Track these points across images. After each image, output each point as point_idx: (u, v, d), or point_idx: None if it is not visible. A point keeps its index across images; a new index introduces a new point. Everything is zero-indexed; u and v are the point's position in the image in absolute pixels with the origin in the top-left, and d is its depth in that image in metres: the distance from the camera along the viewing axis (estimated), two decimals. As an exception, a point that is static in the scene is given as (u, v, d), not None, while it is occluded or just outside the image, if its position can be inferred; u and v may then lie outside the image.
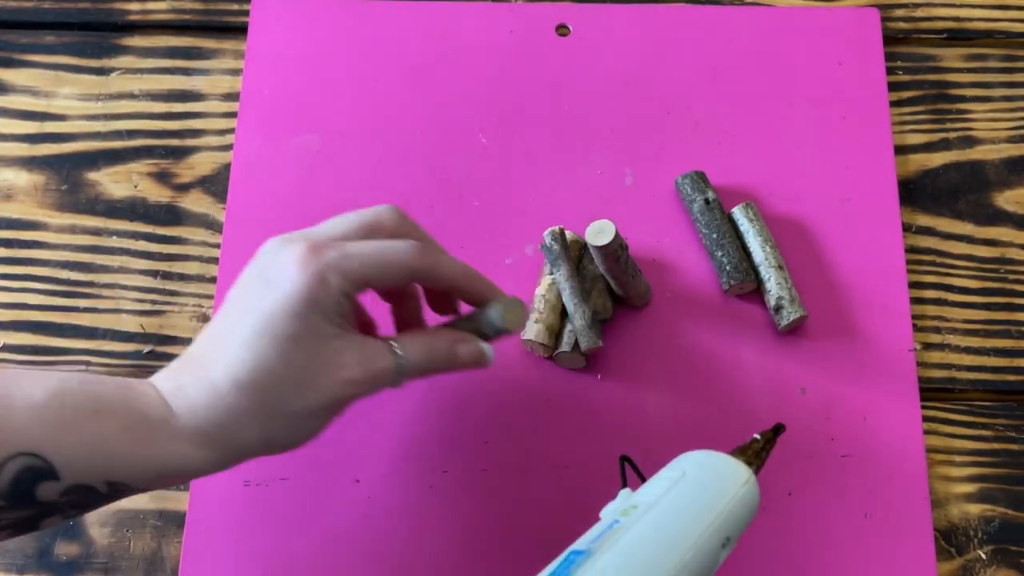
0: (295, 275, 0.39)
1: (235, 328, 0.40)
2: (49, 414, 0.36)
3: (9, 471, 0.35)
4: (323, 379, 0.40)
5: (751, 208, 0.55)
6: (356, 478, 0.51)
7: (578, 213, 0.56)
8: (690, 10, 0.62)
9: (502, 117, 0.59)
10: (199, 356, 0.41)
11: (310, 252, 0.40)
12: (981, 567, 0.51)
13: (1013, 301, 0.56)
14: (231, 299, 0.42)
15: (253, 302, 0.40)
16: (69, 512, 0.38)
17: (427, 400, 0.53)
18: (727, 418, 0.52)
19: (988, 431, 0.54)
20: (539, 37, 0.61)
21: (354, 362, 0.40)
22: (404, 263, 0.42)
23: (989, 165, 0.59)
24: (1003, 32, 0.63)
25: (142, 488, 0.39)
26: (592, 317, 0.51)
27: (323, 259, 0.40)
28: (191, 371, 0.40)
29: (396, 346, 0.42)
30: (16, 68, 0.61)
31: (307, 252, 0.40)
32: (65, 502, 0.37)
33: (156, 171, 0.59)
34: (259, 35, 0.61)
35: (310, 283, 0.39)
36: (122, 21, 0.63)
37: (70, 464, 0.36)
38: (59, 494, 0.37)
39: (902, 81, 0.61)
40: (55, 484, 0.36)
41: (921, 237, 0.57)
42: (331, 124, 0.59)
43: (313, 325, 0.39)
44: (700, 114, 0.59)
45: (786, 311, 0.53)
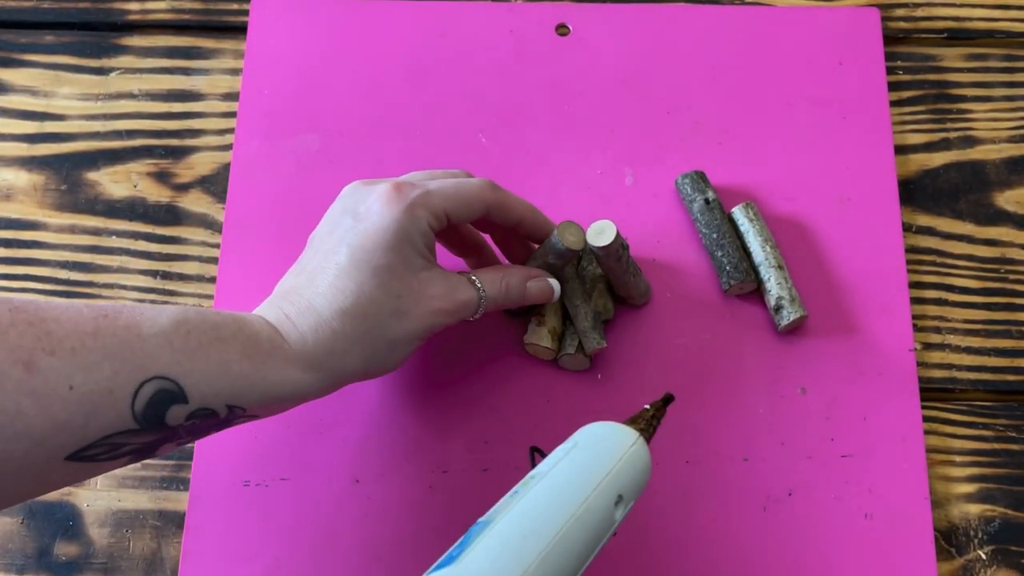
0: (384, 210, 0.43)
1: (331, 261, 0.43)
2: (177, 340, 0.38)
3: (145, 394, 0.37)
4: (416, 308, 0.43)
5: (751, 208, 0.55)
6: (356, 478, 0.51)
7: (578, 213, 0.56)
8: (690, 10, 0.62)
9: (502, 117, 0.59)
10: (296, 288, 0.43)
11: (395, 190, 0.44)
12: (981, 567, 0.51)
13: (1013, 301, 0.56)
14: (318, 236, 0.45)
15: (345, 236, 0.43)
16: (184, 438, 0.40)
17: (427, 400, 0.53)
18: (727, 418, 0.52)
19: (988, 431, 0.53)
20: (539, 37, 0.61)
21: (442, 292, 0.45)
22: (479, 197, 0.46)
23: (989, 165, 0.59)
24: (1003, 32, 0.63)
25: (253, 413, 0.41)
26: (595, 318, 0.51)
27: (408, 195, 0.44)
28: (292, 302, 0.43)
29: (476, 280, 0.47)
30: (16, 68, 0.61)
31: (392, 190, 0.44)
32: (187, 426, 0.39)
33: (156, 171, 0.59)
34: (259, 35, 0.61)
35: (399, 217, 0.43)
36: (121, 21, 0.63)
37: (197, 387, 0.39)
38: (185, 418, 0.39)
39: (902, 81, 0.61)
40: (183, 407, 0.38)
41: (921, 237, 0.57)
42: (331, 124, 0.59)
43: (405, 257, 0.43)
44: (700, 114, 0.59)
45: (786, 311, 0.53)
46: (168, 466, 0.52)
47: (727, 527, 0.51)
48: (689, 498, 0.51)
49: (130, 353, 0.37)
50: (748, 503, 0.51)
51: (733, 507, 0.51)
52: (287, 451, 0.52)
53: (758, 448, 0.52)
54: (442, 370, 0.53)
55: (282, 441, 0.52)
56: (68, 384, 0.36)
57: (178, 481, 0.52)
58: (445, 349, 0.54)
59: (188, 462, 0.52)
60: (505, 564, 0.33)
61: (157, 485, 0.52)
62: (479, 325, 0.54)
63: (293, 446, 0.52)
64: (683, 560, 0.50)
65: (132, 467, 0.52)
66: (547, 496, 0.35)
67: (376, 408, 0.53)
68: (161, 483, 0.52)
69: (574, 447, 0.37)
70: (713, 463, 0.51)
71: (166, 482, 0.52)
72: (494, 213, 0.47)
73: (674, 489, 0.51)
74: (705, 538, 0.50)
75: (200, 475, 0.51)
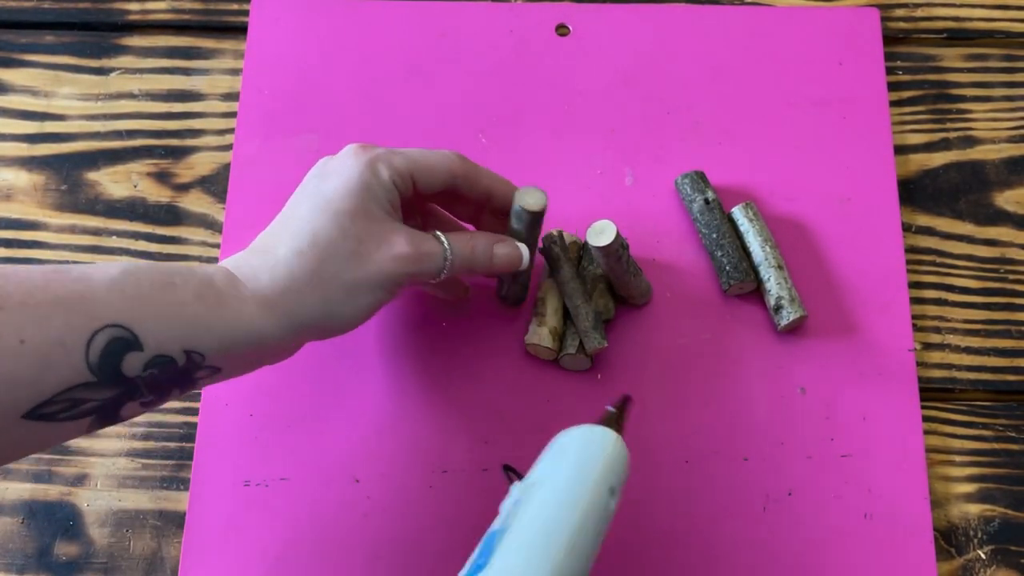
0: (347, 163, 0.44)
1: (295, 212, 0.44)
2: (128, 288, 0.38)
3: (99, 343, 0.37)
4: (376, 253, 0.43)
5: (751, 208, 0.55)
6: (356, 478, 0.51)
7: (578, 213, 0.56)
8: (690, 10, 0.62)
9: (502, 117, 0.59)
10: (259, 241, 0.44)
11: (360, 147, 0.45)
12: (981, 567, 0.51)
13: (1013, 301, 0.56)
14: (291, 199, 0.45)
15: (311, 190, 0.44)
16: (146, 396, 0.39)
17: (427, 400, 0.53)
18: (727, 418, 0.52)
19: (988, 431, 0.54)
20: (539, 37, 0.61)
21: (404, 241, 0.44)
22: (446, 164, 0.46)
23: (989, 165, 0.59)
24: (1003, 32, 0.63)
25: (214, 364, 0.41)
26: (596, 318, 0.51)
27: (373, 153, 0.45)
28: (251, 251, 0.44)
29: (442, 236, 0.46)
30: (16, 68, 0.61)
31: (357, 147, 0.45)
32: (146, 378, 0.39)
33: (156, 171, 0.59)
34: (259, 35, 0.61)
35: (362, 170, 0.44)
36: (122, 21, 0.63)
37: (152, 333, 0.38)
38: (142, 367, 0.38)
39: (902, 81, 0.61)
40: (139, 355, 0.38)
41: (921, 237, 0.57)
42: (331, 124, 0.59)
43: (366, 205, 0.43)
44: (700, 114, 0.59)
45: (786, 311, 0.53)
46: (168, 466, 0.53)
47: (727, 527, 0.51)
48: (689, 498, 0.51)
49: (81, 303, 0.37)
50: (748, 503, 0.51)
51: (733, 507, 0.51)
52: (287, 451, 0.52)
53: (758, 448, 0.52)
54: (442, 370, 0.53)
55: (282, 441, 0.52)
56: (19, 338, 0.36)
57: (178, 481, 0.52)
58: (445, 349, 0.54)
59: (188, 462, 0.52)
60: (537, 560, 0.35)
61: (157, 485, 0.52)
62: (479, 325, 0.54)
63: (293, 446, 0.52)
64: (683, 560, 0.50)
65: (132, 467, 0.52)
66: (555, 497, 0.38)
67: (376, 408, 0.53)
68: (161, 483, 0.52)
69: (563, 452, 0.40)
70: (713, 463, 0.51)
71: (166, 482, 0.52)
72: (462, 184, 0.47)
73: (674, 489, 0.51)
74: (705, 538, 0.50)
75: (200, 475, 0.51)
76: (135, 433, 0.53)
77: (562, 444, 0.40)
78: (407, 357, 0.54)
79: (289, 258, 0.42)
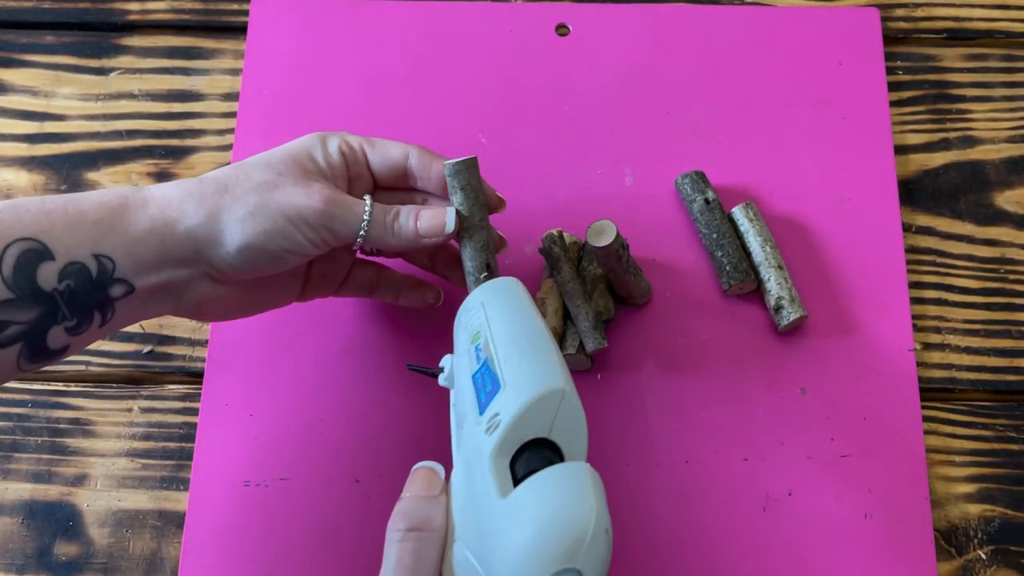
0: (303, 137, 0.46)
1: None
2: (32, 206, 0.40)
3: (10, 257, 0.38)
4: (294, 187, 0.43)
5: (751, 208, 0.55)
6: (356, 478, 0.51)
7: (578, 213, 0.56)
8: (690, 10, 0.62)
9: (502, 117, 0.59)
10: None
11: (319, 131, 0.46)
12: (981, 567, 0.51)
13: (1013, 301, 0.56)
14: None
15: None
16: (69, 319, 0.40)
17: (427, 400, 0.53)
18: (727, 418, 0.52)
19: (988, 431, 0.54)
20: (539, 37, 0.61)
21: (321, 188, 0.44)
22: (402, 149, 0.47)
23: (989, 165, 0.59)
24: (1003, 32, 0.63)
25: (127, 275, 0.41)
26: (596, 318, 0.51)
27: (329, 131, 0.46)
28: None
29: (368, 199, 0.45)
30: (16, 68, 0.61)
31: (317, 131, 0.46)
32: (63, 291, 0.39)
33: (156, 171, 0.59)
34: (259, 35, 0.61)
35: (310, 138, 0.45)
36: (122, 21, 0.63)
37: (60, 241, 0.39)
38: (57, 277, 0.39)
39: (902, 81, 0.61)
40: (52, 265, 0.39)
41: (921, 237, 0.57)
42: (331, 124, 0.59)
43: (301, 161, 0.44)
44: (700, 114, 0.59)
45: (786, 311, 0.53)
46: (168, 466, 0.53)
47: (727, 527, 0.51)
48: (689, 498, 0.51)
49: None
50: (748, 503, 0.51)
51: (733, 507, 0.51)
52: (287, 451, 0.52)
53: (758, 448, 0.52)
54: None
55: (282, 441, 0.52)
56: None
57: (178, 481, 0.52)
58: (446, 348, 0.54)
59: (188, 462, 0.52)
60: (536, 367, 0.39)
61: (157, 485, 0.52)
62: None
63: (293, 446, 0.52)
64: (683, 560, 0.50)
65: (132, 467, 0.52)
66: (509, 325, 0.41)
67: (376, 408, 0.53)
68: (161, 483, 0.52)
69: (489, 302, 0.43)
70: (713, 463, 0.51)
71: (166, 482, 0.52)
72: (416, 166, 0.47)
73: (674, 489, 0.51)
74: (705, 538, 0.50)
75: (200, 475, 0.51)
76: (135, 433, 0.53)
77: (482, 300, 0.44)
78: (407, 357, 0.54)
79: (203, 176, 0.43)
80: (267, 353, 0.54)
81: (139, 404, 0.54)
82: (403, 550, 0.38)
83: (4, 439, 0.53)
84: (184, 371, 0.55)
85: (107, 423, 0.53)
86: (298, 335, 0.54)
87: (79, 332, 0.41)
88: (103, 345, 0.55)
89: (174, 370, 0.55)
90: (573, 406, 0.38)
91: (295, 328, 0.54)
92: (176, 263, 0.42)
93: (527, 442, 0.37)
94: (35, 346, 0.40)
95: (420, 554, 0.38)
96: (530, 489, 0.36)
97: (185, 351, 0.55)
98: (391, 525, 0.39)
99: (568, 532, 0.34)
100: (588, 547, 0.34)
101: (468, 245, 0.46)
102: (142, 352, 0.55)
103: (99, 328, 0.41)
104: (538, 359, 0.39)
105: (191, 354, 0.55)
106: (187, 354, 0.55)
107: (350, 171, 0.46)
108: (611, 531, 0.35)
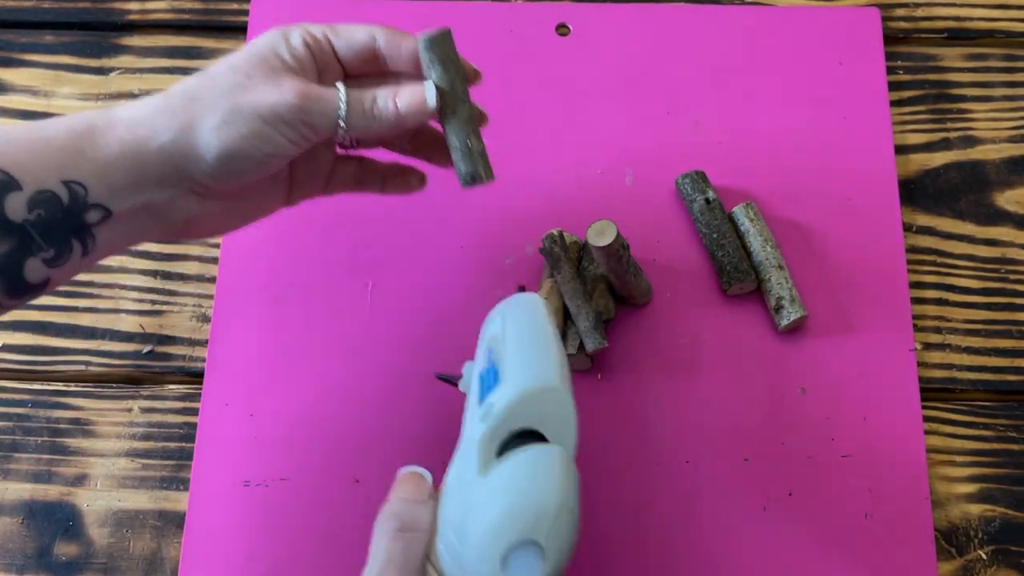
0: (265, 33, 0.44)
1: None
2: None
3: None
4: (264, 84, 0.42)
5: (751, 208, 0.55)
6: (356, 478, 0.51)
7: (578, 213, 0.56)
8: (690, 10, 0.62)
9: (502, 117, 0.59)
10: None
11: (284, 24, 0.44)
12: (981, 567, 0.51)
13: (1014, 301, 0.56)
14: None
15: None
16: (46, 249, 0.39)
17: (427, 400, 0.53)
18: (727, 418, 0.52)
19: (989, 431, 0.53)
20: (539, 37, 0.61)
21: (295, 81, 0.42)
22: (367, 31, 0.45)
23: (990, 165, 0.59)
24: (1004, 32, 0.63)
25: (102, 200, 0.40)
26: (596, 318, 0.51)
27: (291, 24, 0.44)
28: None
29: (340, 84, 0.44)
30: (16, 68, 0.61)
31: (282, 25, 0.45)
32: (35, 221, 0.38)
33: (156, 171, 0.59)
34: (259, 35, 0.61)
35: (273, 34, 0.43)
36: (122, 21, 0.63)
37: (26, 169, 0.38)
38: (27, 207, 0.38)
39: (903, 81, 0.61)
40: (19, 195, 0.38)
41: (922, 237, 0.57)
42: (331, 124, 0.59)
43: (268, 59, 0.42)
44: (700, 114, 0.59)
45: (786, 311, 0.53)
46: (168, 466, 0.52)
47: (727, 527, 0.50)
48: (689, 498, 0.51)
49: None
50: (748, 503, 0.51)
51: (733, 507, 0.51)
52: (287, 451, 0.52)
53: (758, 448, 0.52)
54: (442, 369, 0.53)
55: (282, 441, 0.52)
56: None
57: (178, 481, 0.52)
58: (446, 347, 0.54)
59: (188, 462, 0.52)
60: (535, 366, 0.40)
61: (157, 485, 0.52)
62: (480, 324, 0.54)
63: (293, 446, 0.52)
64: (683, 560, 0.50)
65: (132, 467, 0.52)
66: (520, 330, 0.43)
67: (376, 408, 0.53)
68: (161, 483, 0.52)
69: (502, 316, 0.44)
70: (713, 463, 0.51)
71: (166, 482, 0.52)
72: (385, 47, 0.45)
73: (674, 489, 0.51)
74: (705, 538, 0.50)
75: (200, 475, 0.51)
76: (135, 433, 0.53)
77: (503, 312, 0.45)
78: (407, 356, 0.54)
79: (168, 90, 0.42)
80: (267, 353, 0.54)
81: (139, 404, 0.54)
82: (394, 548, 0.39)
83: (4, 439, 0.53)
84: (184, 371, 0.55)
85: (107, 423, 0.53)
86: (298, 335, 0.54)
87: (59, 263, 0.40)
88: (103, 345, 0.55)
89: (174, 370, 0.55)
90: (565, 405, 0.39)
91: (295, 328, 0.54)
92: (155, 183, 0.41)
93: (517, 433, 0.39)
94: (13, 280, 0.39)
95: (408, 552, 0.39)
96: (506, 466, 0.38)
97: (185, 351, 0.55)
98: (381, 524, 0.40)
99: (532, 506, 0.36)
100: (551, 523, 0.36)
101: (452, 121, 0.45)
102: (142, 352, 0.55)
103: (83, 257, 0.40)
104: (538, 359, 0.41)
105: (191, 354, 0.55)
106: (187, 354, 0.55)
107: (317, 62, 0.44)
108: (577, 512, 0.37)
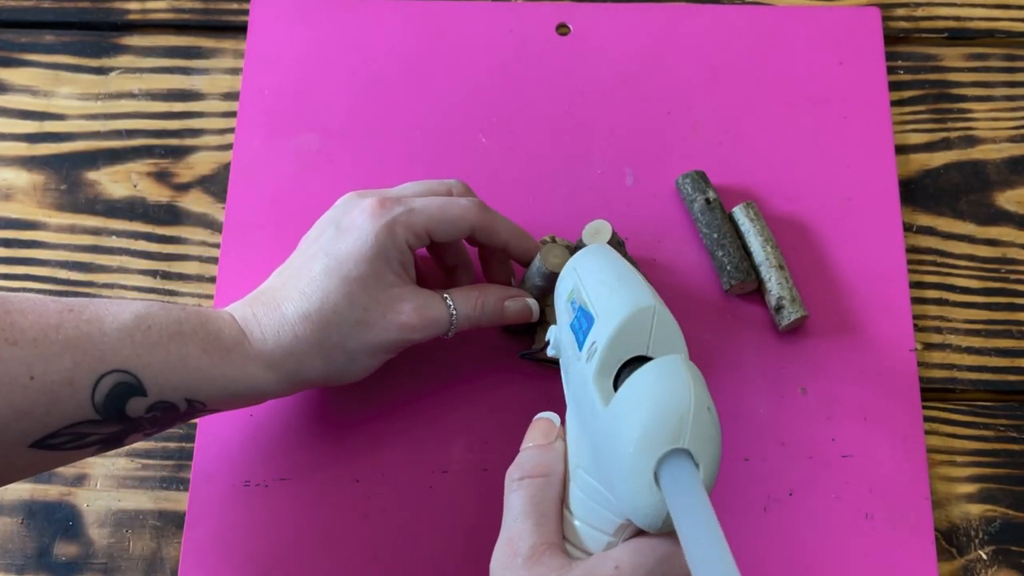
0: (365, 224, 0.44)
1: (306, 268, 0.45)
2: (138, 335, 0.40)
3: (104, 386, 0.39)
4: (382, 320, 0.44)
5: (752, 208, 0.55)
6: (356, 478, 0.51)
7: (578, 213, 0.56)
8: (690, 10, 0.62)
9: (502, 117, 0.59)
10: (271, 290, 0.45)
11: (380, 205, 0.45)
12: (982, 567, 0.51)
13: (1014, 301, 0.56)
14: (306, 242, 0.47)
15: (325, 246, 0.45)
16: (149, 429, 0.42)
17: (427, 400, 0.53)
18: (727, 418, 0.52)
19: (989, 431, 0.53)
20: (539, 37, 0.61)
21: (411, 308, 0.45)
22: (465, 217, 0.47)
23: (990, 165, 0.59)
24: (1004, 31, 0.63)
25: (215, 408, 0.43)
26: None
27: (392, 212, 0.45)
28: (263, 303, 0.45)
29: (448, 298, 0.47)
30: (15, 67, 0.61)
31: (377, 205, 0.45)
32: (148, 418, 0.41)
33: (155, 171, 0.59)
34: (259, 35, 0.61)
35: (377, 233, 0.44)
36: (121, 20, 0.63)
37: (156, 381, 0.40)
38: (145, 410, 0.40)
39: (903, 80, 0.61)
40: (142, 400, 0.40)
41: (922, 237, 0.57)
42: (331, 123, 0.59)
43: (377, 271, 0.44)
44: (700, 114, 0.59)
45: (787, 311, 0.53)
46: (168, 466, 0.52)
47: (727, 527, 0.50)
48: (689, 498, 0.51)
49: (91, 346, 0.39)
50: (748, 503, 0.51)
51: (733, 507, 0.51)
52: (287, 451, 0.52)
53: (758, 448, 0.52)
54: (442, 370, 0.53)
55: (282, 441, 0.52)
56: (29, 374, 0.37)
57: (178, 481, 0.52)
58: (446, 349, 0.54)
59: (188, 462, 0.52)
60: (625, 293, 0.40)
61: (157, 485, 0.52)
62: (479, 325, 0.54)
63: (293, 446, 0.52)
64: (683, 560, 0.50)
65: (132, 467, 0.52)
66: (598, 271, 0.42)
67: (376, 408, 0.52)
68: (161, 483, 0.52)
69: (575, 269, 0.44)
70: (713, 463, 0.51)
71: (166, 482, 0.52)
72: (479, 234, 0.48)
73: (674, 489, 0.51)
74: (705, 538, 0.50)
75: (200, 475, 0.51)
76: (135, 433, 0.53)
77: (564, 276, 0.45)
78: (407, 357, 0.54)
79: (295, 322, 0.43)
80: (267, 353, 0.54)
81: (139, 404, 0.54)
82: (518, 497, 0.39)
83: (4, 439, 0.53)
84: (184, 371, 0.55)
85: (107, 423, 0.53)
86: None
87: (157, 432, 0.43)
88: (103, 345, 0.55)
89: (174, 370, 0.55)
90: (666, 320, 0.39)
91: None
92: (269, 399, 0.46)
93: (627, 361, 0.38)
94: (114, 446, 0.42)
95: (536, 498, 0.39)
96: (627, 389, 0.36)
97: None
98: (508, 475, 0.41)
99: (668, 414, 0.35)
100: (692, 425, 0.35)
101: None
102: (142, 352, 0.55)
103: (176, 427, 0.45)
104: (625, 287, 0.40)
105: (191, 354, 0.55)
106: (187, 354, 0.55)
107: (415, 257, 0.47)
108: (715, 412, 0.36)
